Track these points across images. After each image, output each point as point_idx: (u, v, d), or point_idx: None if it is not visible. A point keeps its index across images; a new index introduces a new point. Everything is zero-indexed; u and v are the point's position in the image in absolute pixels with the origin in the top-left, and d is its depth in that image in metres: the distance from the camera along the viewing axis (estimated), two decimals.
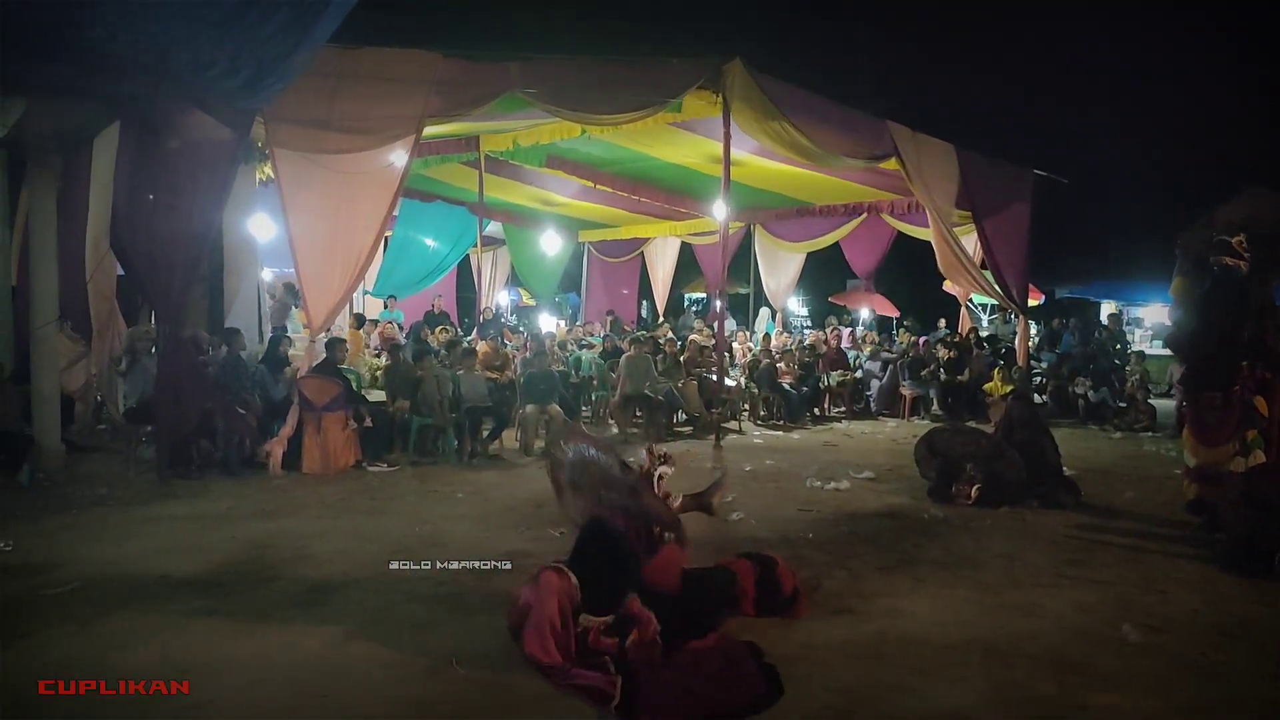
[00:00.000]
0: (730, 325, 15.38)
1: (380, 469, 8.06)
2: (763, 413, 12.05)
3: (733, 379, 11.82)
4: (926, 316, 18.83)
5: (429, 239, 16.31)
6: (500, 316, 17.09)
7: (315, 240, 8.39)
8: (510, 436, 9.26)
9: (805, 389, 12.24)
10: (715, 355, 10.90)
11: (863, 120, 10.73)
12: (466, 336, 12.94)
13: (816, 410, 12.50)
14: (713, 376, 10.71)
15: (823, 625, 4.23)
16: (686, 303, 26.40)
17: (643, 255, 19.64)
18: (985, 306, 20.38)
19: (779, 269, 17.92)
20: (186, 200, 7.30)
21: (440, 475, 7.90)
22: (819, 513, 6.64)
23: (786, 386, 12.04)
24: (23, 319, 8.19)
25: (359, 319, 12.27)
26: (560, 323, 16.66)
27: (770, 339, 14.72)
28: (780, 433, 11.14)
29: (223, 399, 7.84)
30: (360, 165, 8.41)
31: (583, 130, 10.51)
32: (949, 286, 15.42)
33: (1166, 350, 13.27)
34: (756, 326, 18.82)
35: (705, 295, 24.55)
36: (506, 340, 12.54)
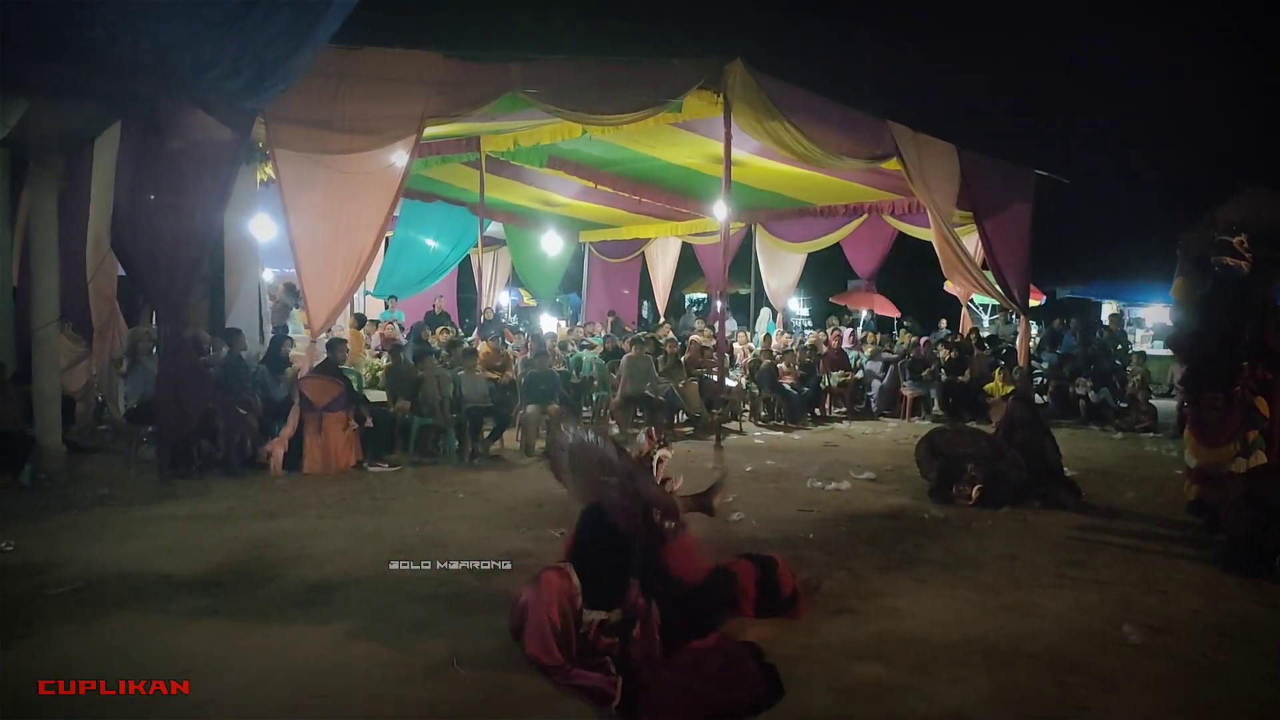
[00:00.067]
0: (731, 325, 15.37)
1: (381, 469, 8.07)
2: (763, 413, 12.05)
3: (733, 379, 11.82)
4: (927, 317, 18.84)
5: (430, 239, 16.31)
6: (501, 317, 17.11)
7: (316, 240, 8.39)
8: (511, 437, 9.27)
9: (806, 389, 12.25)
10: (716, 356, 10.90)
11: (864, 120, 10.72)
12: (467, 337, 12.93)
13: (817, 411, 12.50)
14: (713, 377, 10.71)
15: (823, 625, 4.22)
16: (687, 303, 26.40)
17: (644, 256, 19.66)
18: (986, 307, 20.38)
19: (780, 269, 17.91)
20: (188, 200, 7.31)
21: (441, 475, 7.90)
22: (819, 513, 6.64)
23: (787, 387, 12.05)
24: (24, 319, 8.19)
25: (360, 319, 12.27)
26: (561, 323, 16.68)
27: (771, 339, 14.72)
28: (781, 433, 11.13)
29: (224, 399, 7.85)
30: (361, 165, 8.41)
31: (583, 131, 10.52)
32: (950, 287, 15.40)
33: (1167, 350, 13.23)
34: (757, 327, 18.83)
35: (706, 296, 24.55)
36: (507, 341, 12.55)
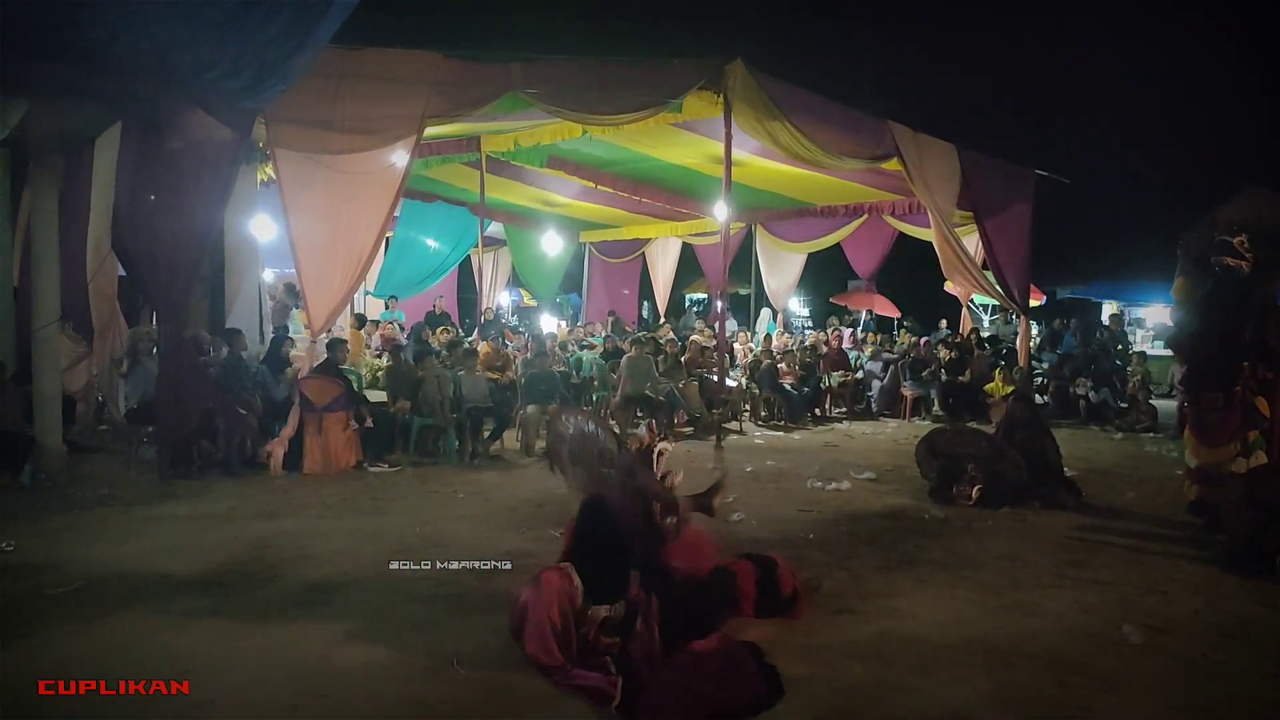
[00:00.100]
0: (731, 326, 15.36)
1: (381, 469, 8.07)
2: (764, 413, 12.05)
3: (734, 379, 11.82)
4: (927, 317, 18.83)
5: (430, 239, 16.31)
6: (501, 317, 17.11)
7: (316, 241, 8.39)
8: (511, 437, 9.27)
9: (806, 389, 12.25)
10: (716, 356, 10.89)
11: (864, 120, 10.72)
12: (468, 337, 12.94)
13: (817, 411, 12.50)
14: (714, 377, 10.71)
15: (823, 626, 4.22)
16: (688, 303, 26.39)
17: (644, 256, 19.66)
18: (986, 307, 20.38)
19: (780, 269, 17.90)
20: (188, 201, 7.31)
21: (441, 475, 7.90)
22: (820, 513, 6.64)
23: (788, 387, 12.05)
24: (24, 319, 8.19)
25: (360, 319, 12.28)
26: (561, 323, 16.67)
27: (771, 339, 14.72)
28: (781, 433, 11.13)
29: (224, 399, 7.84)
30: (361, 166, 8.40)
31: (584, 131, 10.52)
32: (950, 287, 15.40)
33: (1168, 351, 13.24)
34: (758, 327, 18.83)
35: (706, 296, 24.55)
36: (508, 341, 12.56)
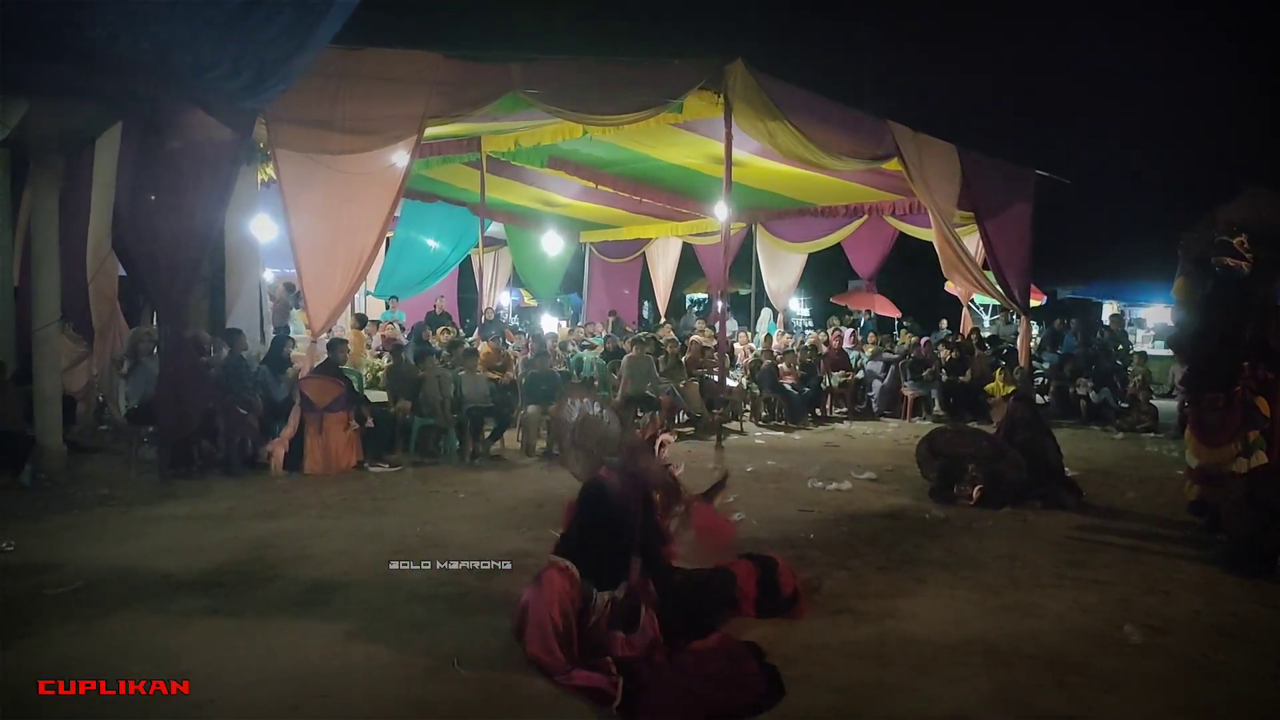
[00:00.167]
0: (732, 326, 15.35)
1: (382, 469, 8.07)
2: (764, 413, 12.04)
3: (734, 379, 11.81)
4: (928, 317, 18.82)
5: (431, 239, 16.32)
6: (502, 317, 17.10)
7: (317, 241, 8.39)
8: (512, 437, 9.27)
9: (807, 389, 12.24)
10: (717, 356, 10.89)
11: (864, 120, 10.72)
12: (468, 337, 12.94)
13: (818, 411, 12.50)
14: (714, 377, 10.70)
15: (824, 626, 4.22)
16: (688, 303, 26.39)
17: (644, 256, 19.65)
18: (987, 307, 20.39)
19: (780, 269, 17.90)
20: (188, 201, 7.31)
21: (441, 476, 7.90)
22: (820, 513, 6.64)
23: (788, 387, 12.04)
24: (25, 319, 8.20)
25: (361, 319, 12.27)
26: (562, 323, 16.68)
27: (772, 339, 14.72)
28: (782, 433, 11.13)
29: (224, 400, 7.85)
30: (362, 166, 8.40)
31: (584, 131, 10.51)
32: (951, 287, 15.40)
33: (1168, 351, 13.26)
34: (758, 327, 18.82)
35: (707, 296, 24.55)
36: (508, 341, 12.56)
